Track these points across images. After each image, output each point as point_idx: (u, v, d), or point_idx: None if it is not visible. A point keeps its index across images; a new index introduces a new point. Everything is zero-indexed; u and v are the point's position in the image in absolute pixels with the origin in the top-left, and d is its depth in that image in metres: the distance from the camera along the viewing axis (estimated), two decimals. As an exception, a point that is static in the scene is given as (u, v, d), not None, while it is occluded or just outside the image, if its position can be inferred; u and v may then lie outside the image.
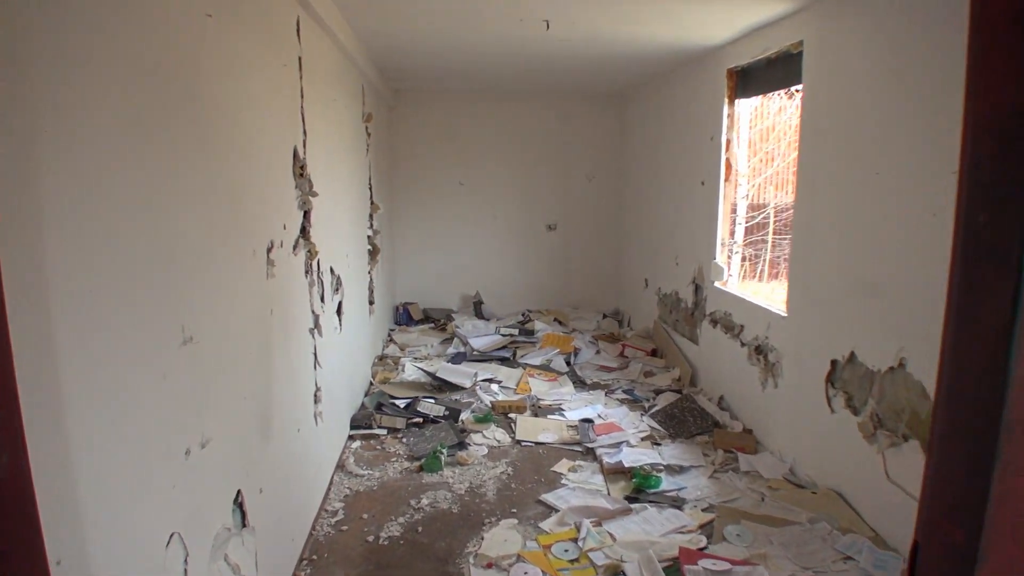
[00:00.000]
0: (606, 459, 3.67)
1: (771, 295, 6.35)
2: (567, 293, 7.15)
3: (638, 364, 5.35)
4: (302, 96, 2.94)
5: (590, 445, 3.90)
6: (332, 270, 3.59)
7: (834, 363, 3.21)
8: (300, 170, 2.88)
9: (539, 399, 4.64)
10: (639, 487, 3.39)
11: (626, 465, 3.56)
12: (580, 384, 5.00)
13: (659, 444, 3.96)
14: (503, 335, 5.91)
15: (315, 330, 3.07)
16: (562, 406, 4.54)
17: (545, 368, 5.25)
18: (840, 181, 3.15)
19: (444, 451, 3.70)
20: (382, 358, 5.44)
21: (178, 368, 1.67)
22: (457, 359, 5.45)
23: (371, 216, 5.09)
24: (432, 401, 4.39)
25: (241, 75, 2.15)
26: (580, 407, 4.52)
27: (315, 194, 3.04)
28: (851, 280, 3.07)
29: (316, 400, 3.12)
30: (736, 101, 4.41)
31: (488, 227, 6.97)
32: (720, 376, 4.52)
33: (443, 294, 7.03)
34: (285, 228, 2.64)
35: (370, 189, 5.09)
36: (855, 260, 3.04)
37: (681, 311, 5.20)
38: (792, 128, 9.21)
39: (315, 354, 3.08)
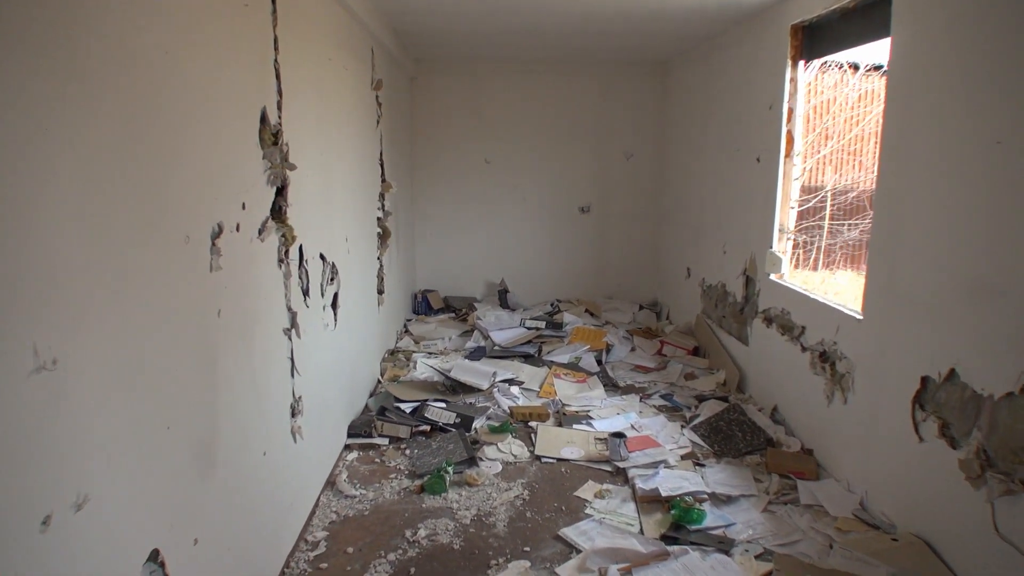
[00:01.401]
0: (640, 484, 3.12)
1: (825, 287, 5.70)
2: (600, 282, 6.57)
3: (678, 365, 4.77)
4: (276, 48, 2.41)
5: (621, 464, 3.35)
6: (323, 257, 3.08)
7: (925, 380, 2.59)
8: (272, 137, 2.37)
9: (564, 404, 4.10)
10: (679, 522, 2.84)
11: (663, 494, 3.00)
12: (612, 387, 4.44)
13: (702, 464, 3.39)
14: (528, 328, 5.37)
15: (292, 330, 2.56)
16: (590, 413, 4.00)
17: (573, 367, 4.70)
18: (943, 152, 2.52)
19: (450, 469, 3.19)
20: (393, 352, 4.95)
21: (22, 406, 1.17)
22: (476, 355, 4.93)
23: (382, 196, 4.58)
24: (443, 406, 3.88)
25: (172, 8, 1.63)
26: (611, 415, 3.96)
27: (293, 167, 2.52)
28: (956, 277, 2.44)
29: (294, 413, 2.63)
30: (800, 63, 3.77)
31: (516, 209, 6.41)
32: (774, 383, 3.92)
33: (466, 281, 6.51)
34: (245, 208, 2.13)
35: (381, 165, 4.57)
36: (963, 251, 2.41)
37: (728, 306, 4.59)
38: (850, 104, 8.46)
39: (292, 359, 2.58)
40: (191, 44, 1.79)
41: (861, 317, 3.06)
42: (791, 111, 3.81)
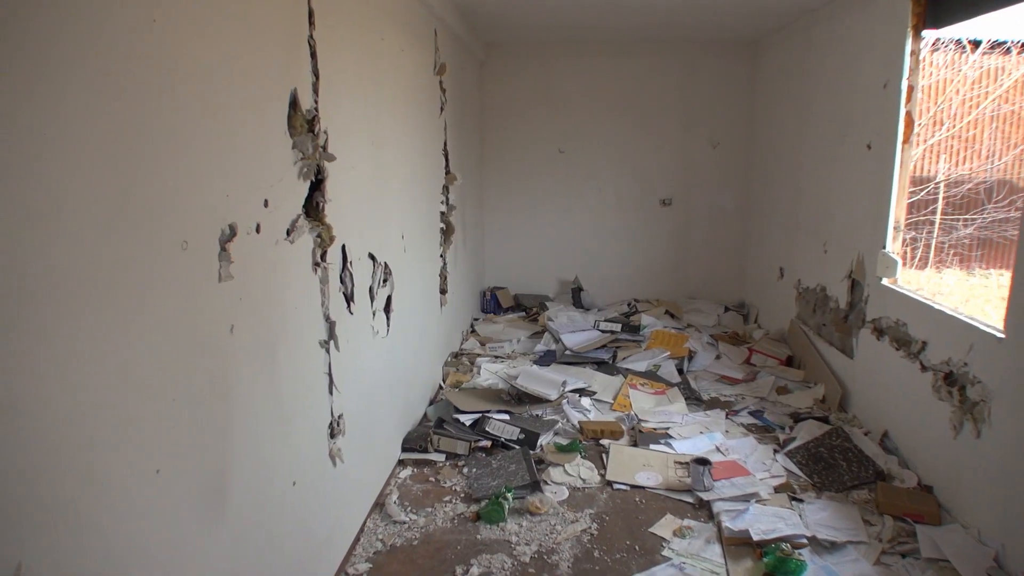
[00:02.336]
0: (727, 522, 2.70)
1: (931, 289, 5.08)
2: (682, 281, 6.09)
3: (769, 377, 4.28)
4: (311, 22, 2.12)
5: (705, 496, 2.94)
6: (373, 258, 2.80)
7: (1095, 421, 2.08)
8: (305, 124, 2.08)
9: (640, 420, 3.71)
10: (773, 573, 2.41)
11: (755, 537, 2.58)
12: (694, 400, 4.00)
13: (800, 499, 2.94)
14: (602, 331, 4.98)
15: (330, 342, 2.29)
16: (670, 432, 3.59)
17: (651, 376, 4.29)
18: None
19: (510, 495, 2.86)
20: (457, 355, 4.67)
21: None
22: (545, 359, 4.58)
23: (446, 188, 4.28)
24: (506, 418, 3.56)
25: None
26: (693, 434, 3.54)
27: (331, 157, 2.23)
28: None
29: (333, 434, 2.36)
30: (924, 33, 3.22)
31: (591, 202, 6.01)
32: (885, 405, 3.41)
33: (537, 279, 6.17)
34: (268, 206, 1.85)
35: (445, 156, 4.28)
36: None
37: (829, 313, 4.07)
38: (967, 85, 7.59)
39: (329, 374, 2.31)
40: (197, 14, 1.50)
41: (1003, 335, 2.54)
42: (911, 89, 3.27)
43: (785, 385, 4.17)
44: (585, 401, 3.88)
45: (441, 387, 4.15)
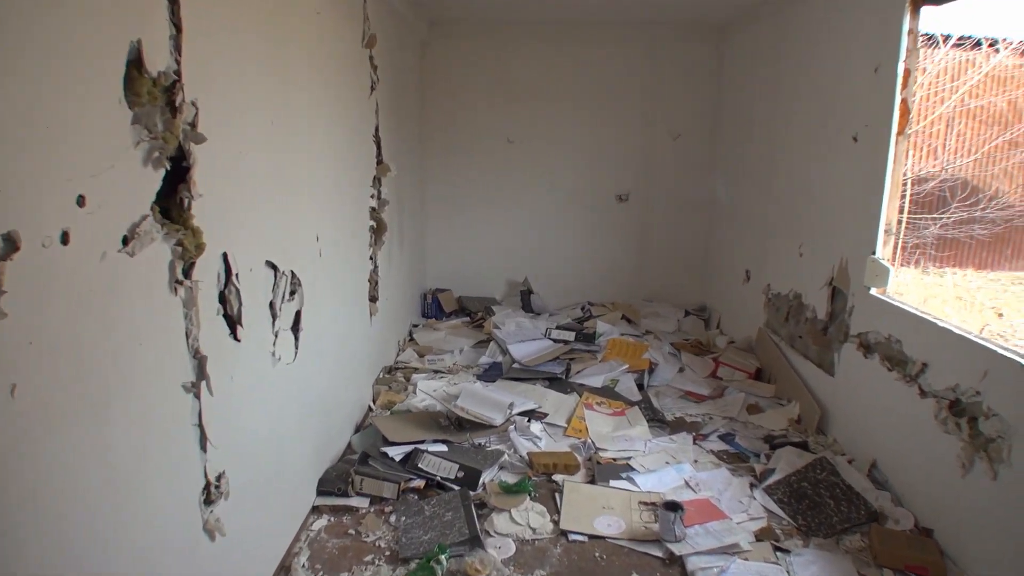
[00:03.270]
0: (705, 587, 2.25)
1: (893, 289, 4.76)
2: (640, 282, 5.66)
3: (738, 393, 3.86)
4: (166, -46, 1.56)
5: (676, 549, 2.48)
6: (274, 266, 2.25)
7: None
8: (160, 93, 1.52)
9: (598, 449, 3.24)
10: (766, 658, 1.97)
11: (741, 609, 2.13)
12: (658, 422, 3.55)
13: (785, 550, 2.51)
14: (554, 340, 4.51)
15: (200, 384, 1.73)
16: (631, 462, 3.13)
17: (609, 394, 3.83)
18: None
19: (444, 556, 2.35)
20: (392, 370, 4.12)
21: None
22: (491, 374, 4.08)
23: (377, 180, 3.73)
24: (443, 450, 3.05)
25: None
26: (658, 465, 3.09)
27: (200, 138, 1.67)
28: None
29: (210, 499, 1.81)
30: (923, 9, 2.82)
31: (543, 197, 5.52)
32: (873, 431, 3.01)
33: (484, 280, 5.66)
34: (84, 204, 1.29)
35: (377, 144, 3.72)
36: None
37: (806, 323, 3.67)
38: (928, 81, 7.37)
39: (200, 426, 1.75)
40: None
41: (1028, 362, 2.15)
42: (908, 73, 2.87)
43: (756, 403, 3.76)
44: (535, 427, 3.39)
45: (371, 409, 3.62)
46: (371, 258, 3.66)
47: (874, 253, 3.00)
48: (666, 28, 5.17)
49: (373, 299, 3.71)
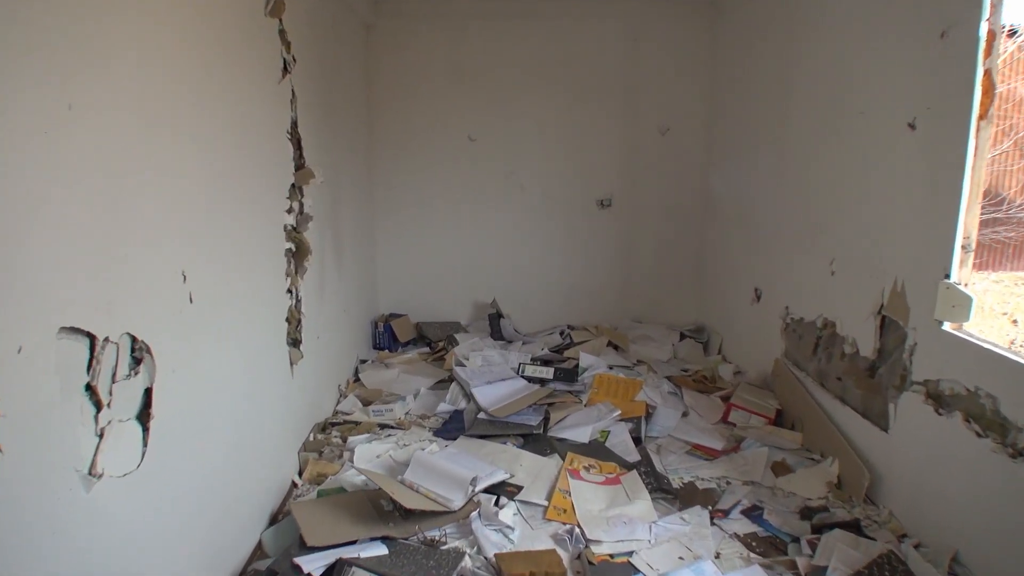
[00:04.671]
0: None
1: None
2: (627, 300, 4.91)
3: (759, 447, 3.10)
4: None
5: None
6: (90, 336, 1.43)
7: None
8: None
9: (589, 540, 2.45)
10: None
11: None
12: (662, 492, 2.77)
13: None
14: (529, 379, 3.73)
15: None
16: (634, 559, 2.35)
17: (599, 453, 3.05)
18: None
19: None
20: (327, 427, 3.30)
21: None
22: (451, 428, 3.29)
23: (297, 190, 2.92)
24: (380, 556, 2.24)
25: None
26: (671, 565, 2.32)
27: None
28: None
29: None
30: (1014, -53, 2.09)
31: (512, 204, 4.75)
32: (953, 512, 2.27)
33: (447, 302, 4.86)
34: None
35: (295, 143, 2.91)
36: None
37: (843, 360, 2.92)
38: None
39: None
40: None
41: None
42: (992, 36, 2.13)
43: (782, 459, 3.01)
44: (506, 512, 2.58)
45: (295, 486, 2.81)
46: (290, 291, 2.84)
47: (947, 276, 2.26)
48: (651, 3, 4.43)
49: (295, 342, 2.90)
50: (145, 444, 1.67)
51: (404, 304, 4.80)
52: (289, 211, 2.82)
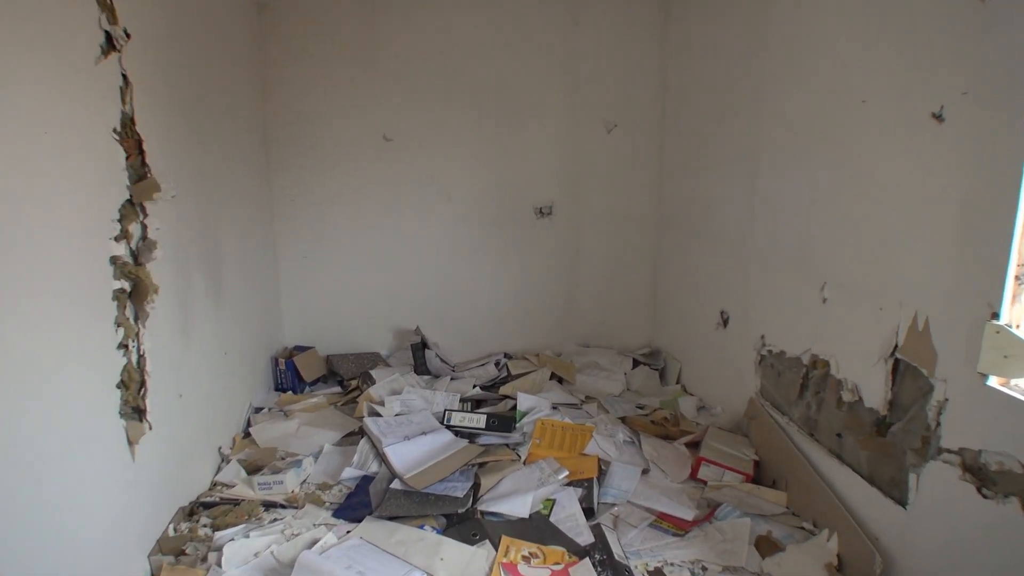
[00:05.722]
0: None
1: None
2: (572, 322, 4.30)
3: (739, 517, 2.51)
4: None
5: None
6: None
7: None
8: None
9: None
10: None
11: None
12: (623, 588, 2.17)
13: None
14: (457, 431, 3.07)
15: None
16: None
17: (541, 531, 2.42)
18: None
19: None
20: (195, 511, 2.57)
21: None
22: (354, 505, 2.60)
23: (137, 209, 2.19)
24: None
25: None
26: None
27: None
28: None
29: None
30: None
31: (436, 214, 4.08)
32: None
33: (363, 330, 4.16)
34: None
35: (135, 147, 2.18)
36: None
37: (841, 409, 2.36)
38: None
39: None
40: None
41: None
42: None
43: (768, 532, 2.43)
44: (418, 643, 1.93)
45: (137, 606, 2.08)
46: (125, 345, 2.11)
47: (996, 316, 1.70)
48: (592, -19, 3.83)
49: (137, 412, 2.17)
50: None
51: (313, 335, 4.07)
52: (120, 238, 2.09)
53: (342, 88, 3.85)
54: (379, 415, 3.22)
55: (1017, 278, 1.67)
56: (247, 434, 3.23)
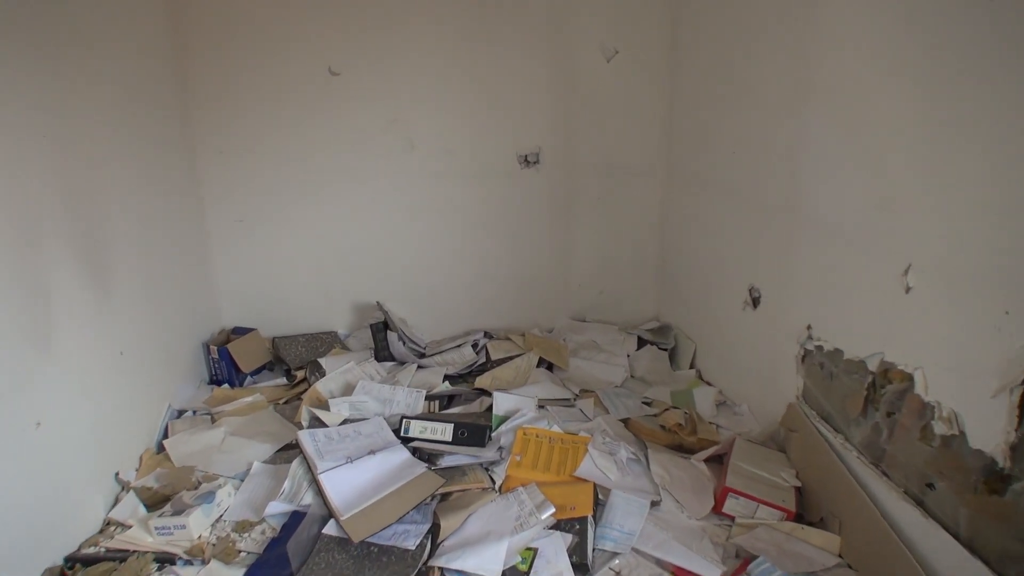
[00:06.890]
0: None
1: None
2: (563, 293, 3.63)
3: (776, 574, 1.89)
4: None
5: None
6: None
7: None
8: None
9: None
10: None
11: None
12: None
13: None
14: (415, 443, 2.44)
15: None
16: None
17: (517, 603, 1.81)
18: None
19: None
20: (74, 567, 1.97)
21: None
22: (271, 562, 1.98)
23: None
24: None
25: None
26: None
27: None
28: None
29: None
30: None
31: (398, 165, 3.36)
32: None
33: (316, 305, 3.50)
34: None
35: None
36: None
37: (932, 446, 1.70)
38: None
39: None
40: None
41: None
42: None
43: (820, 598, 1.82)
44: None
45: None
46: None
47: None
48: None
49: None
50: None
51: (256, 314, 3.42)
52: None
53: (278, 10, 3.08)
54: (322, 423, 2.59)
55: None
56: (161, 449, 2.61)
